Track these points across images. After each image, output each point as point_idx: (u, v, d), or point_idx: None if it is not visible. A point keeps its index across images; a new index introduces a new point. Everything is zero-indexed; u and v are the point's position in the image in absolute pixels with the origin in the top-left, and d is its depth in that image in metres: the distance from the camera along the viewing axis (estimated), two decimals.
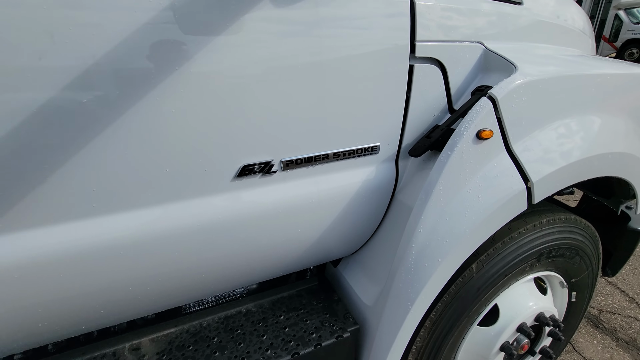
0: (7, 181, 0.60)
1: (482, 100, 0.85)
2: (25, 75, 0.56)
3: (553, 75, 0.94)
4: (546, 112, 0.94)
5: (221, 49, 0.67)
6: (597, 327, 1.98)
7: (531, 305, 1.23)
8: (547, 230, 1.14)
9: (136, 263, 0.75)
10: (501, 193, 0.89)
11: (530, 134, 0.92)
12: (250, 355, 0.88)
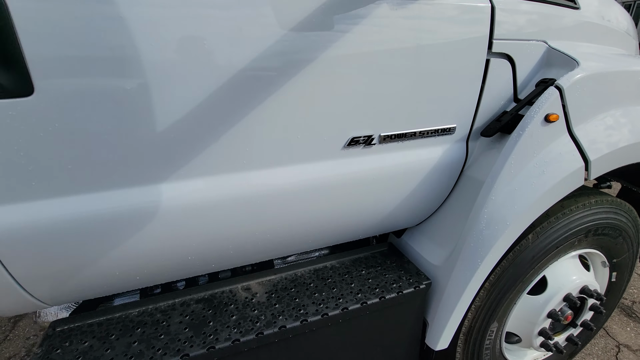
0: (186, 140, 0.80)
1: (550, 89, 1.01)
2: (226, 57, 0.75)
3: (609, 70, 1.09)
4: (603, 101, 1.09)
5: (344, 43, 0.85)
6: (630, 316, 2.08)
7: (576, 279, 1.37)
8: (595, 210, 1.28)
9: (268, 212, 0.94)
10: (562, 169, 1.04)
11: (589, 120, 1.07)
12: (344, 296, 1.06)
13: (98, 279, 0.88)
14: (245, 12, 0.75)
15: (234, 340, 0.90)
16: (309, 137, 0.91)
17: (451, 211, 1.21)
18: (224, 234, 0.92)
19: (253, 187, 0.89)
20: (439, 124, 1.07)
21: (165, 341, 0.91)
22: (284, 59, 0.80)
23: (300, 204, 0.97)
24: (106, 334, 0.94)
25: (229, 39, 0.75)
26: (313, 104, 0.88)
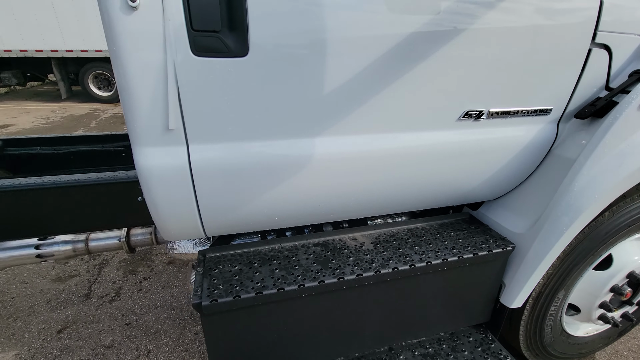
0: (346, 103, 0.96)
1: None
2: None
3: None
4: None
5: (469, 29, 0.98)
6: None
7: (638, 259, 1.48)
8: None
9: (389, 170, 1.10)
10: None
11: None
12: (440, 250, 1.22)
13: (255, 216, 1.06)
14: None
15: (358, 275, 1.08)
16: (434, 108, 1.06)
17: (536, 185, 1.34)
18: (353, 185, 1.09)
19: (383, 147, 1.05)
20: (538, 105, 1.19)
21: (300, 271, 1.09)
22: (420, 42, 0.95)
23: (413, 166, 1.13)
24: (249, 262, 1.13)
25: (382, 27, 0.90)
26: (441, 80, 1.02)
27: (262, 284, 1.03)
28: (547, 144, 1.29)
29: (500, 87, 1.11)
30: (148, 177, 0.90)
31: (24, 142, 2.05)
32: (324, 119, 0.96)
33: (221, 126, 0.90)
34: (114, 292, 2.26)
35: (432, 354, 1.30)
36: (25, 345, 1.86)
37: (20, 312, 2.08)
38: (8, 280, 2.34)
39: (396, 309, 1.25)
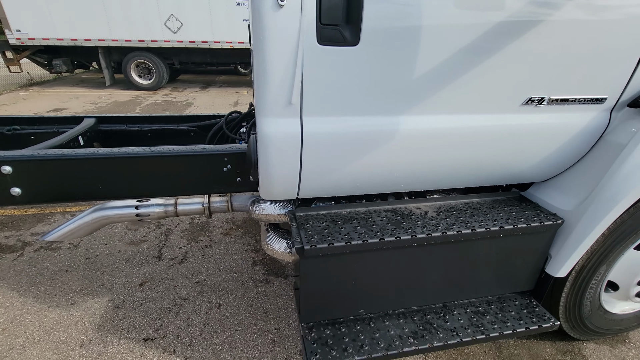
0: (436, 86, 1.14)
1: None
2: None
3: None
4: None
5: (537, 22, 1.13)
6: None
7: None
8: None
9: (461, 147, 1.28)
10: None
11: None
12: (496, 220, 1.39)
13: (343, 181, 1.27)
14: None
15: (427, 234, 1.27)
16: (503, 93, 1.22)
17: (586, 168, 1.48)
18: (430, 158, 1.28)
19: (460, 126, 1.23)
20: (594, 94, 1.33)
21: (377, 229, 1.29)
22: (498, 36, 1.11)
23: (481, 144, 1.30)
24: (333, 221, 1.34)
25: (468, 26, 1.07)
26: (512, 68, 1.18)
27: (348, 236, 1.24)
28: (599, 130, 1.42)
29: (561, 77, 1.26)
30: (268, 142, 1.12)
31: (113, 119, 2.35)
32: (415, 100, 1.15)
33: (330, 103, 1.10)
34: (181, 255, 2.55)
35: (481, 312, 1.49)
36: (115, 294, 2.17)
37: (105, 267, 2.41)
38: (90, 241, 2.68)
39: (453, 271, 1.43)
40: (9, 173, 1.51)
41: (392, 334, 1.36)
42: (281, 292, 2.22)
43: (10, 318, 1.96)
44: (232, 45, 9.14)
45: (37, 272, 2.34)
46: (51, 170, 1.56)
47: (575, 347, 1.87)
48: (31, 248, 2.58)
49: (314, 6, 0.96)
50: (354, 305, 1.39)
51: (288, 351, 1.80)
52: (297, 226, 1.30)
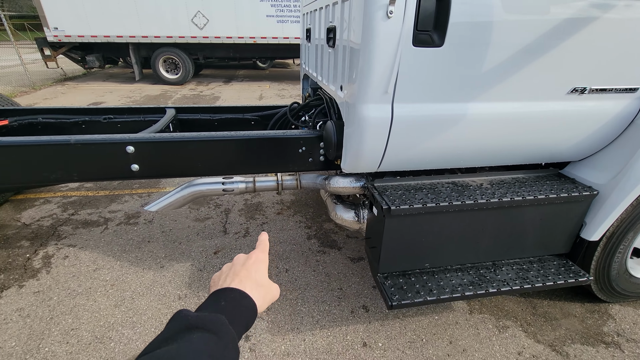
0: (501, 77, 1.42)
1: None
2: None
3: None
4: None
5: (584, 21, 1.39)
6: None
7: None
8: None
9: (501, 130, 1.55)
10: None
11: None
12: (541, 191, 1.66)
13: (415, 158, 1.56)
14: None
15: (487, 199, 1.56)
16: (553, 84, 1.49)
17: (618, 148, 1.74)
18: (492, 139, 1.56)
19: (518, 111, 1.51)
20: (628, 84, 1.59)
21: (444, 196, 1.59)
22: (550, 36, 1.38)
23: (534, 128, 1.57)
24: (406, 190, 1.64)
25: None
26: (560, 62, 1.45)
27: (423, 201, 1.53)
28: (631, 116, 1.68)
29: (600, 69, 1.52)
30: (366, 123, 1.42)
31: (189, 110, 2.68)
32: (482, 90, 1.43)
33: (416, 92, 1.39)
34: (243, 230, 2.89)
35: (525, 269, 1.77)
36: (195, 260, 2.52)
37: (181, 239, 2.76)
38: (162, 218, 3.04)
39: (503, 233, 1.72)
40: (132, 152, 1.84)
41: (453, 282, 1.65)
42: (337, 260, 2.54)
43: (115, 277, 2.33)
44: (255, 40, 9.43)
45: (124, 242, 2.70)
46: (164, 150, 1.89)
47: (602, 308, 2.14)
48: (113, 223, 2.96)
49: (412, 17, 1.24)
50: (421, 260, 1.69)
51: (352, 306, 2.12)
52: (379, 193, 1.61)
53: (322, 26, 2.02)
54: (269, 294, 0.62)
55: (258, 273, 0.62)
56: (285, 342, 1.88)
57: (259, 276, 0.62)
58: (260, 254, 0.67)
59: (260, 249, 0.69)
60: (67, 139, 1.78)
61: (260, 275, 0.62)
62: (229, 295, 0.55)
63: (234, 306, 0.53)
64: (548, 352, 1.84)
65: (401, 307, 1.54)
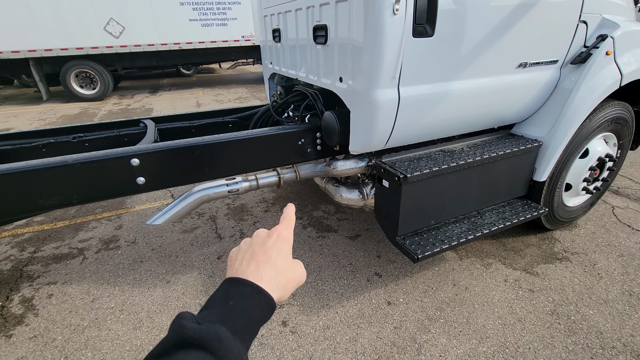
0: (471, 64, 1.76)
1: (609, 38, 2.05)
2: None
3: (633, 29, 2.15)
4: (630, 45, 2.16)
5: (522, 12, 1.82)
6: (616, 193, 3.32)
7: (602, 149, 2.49)
8: (615, 108, 2.38)
9: (474, 101, 1.93)
10: (610, 79, 2.11)
11: (624, 54, 2.13)
12: (506, 147, 2.09)
13: (416, 132, 1.85)
14: None
15: (472, 159, 1.92)
16: (508, 61, 1.90)
17: (549, 108, 2.26)
18: (473, 109, 1.92)
19: (487, 85, 1.88)
20: (552, 57, 2.09)
21: (441, 161, 1.90)
22: (506, 25, 1.78)
23: (496, 97, 1.98)
24: (409, 161, 1.92)
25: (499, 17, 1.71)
26: (512, 44, 1.86)
27: (427, 167, 1.82)
28: (555, 82, 2.20)
29: (536, 47, 1.98)
30: (378, 106, 1.65)
31: (167, 118, 2.60)
32: (461, 70, 1.76)
33: (415, 75, 1.66)
34: (238, 232, 2.91)
35: (502, 212, 2.20)
36: (200, 269, 2.48)
37: (176, 252, 2.67)
38: (144, 237, 2.88)
39: (483, 185, 2.11)
40: (137, 165, 1.80)
41: (455, 232, 1.99)
42: (338, 241, 2.74)
43: (121, 301, 2.19)
44: (181, 46, 9.00)
45: (113, 267, 2.52)
46: (170, 158, 1.87)
47: (549, 235, 2.73)
48: (90, 251, 2.71)
49: (411, 13, 1.50)
50: (428, 218, 1.99)
51: (366, 275, 2.35)
52: (390, 166, 1.85)
53: (303, 26, 2.18)
54: (292, 281, 0.55)
55: (280, 256, 0.54)
56: (321, 318, 2.03)
57: (280, 260, 0.54)
58: (283, 231, 0.59)
59: (285, 224, 0.61)
60: (64, 160, 1.66)
61: (282, 258, 0.54)
62: (241, 292, 0.48)
63: (244, 307, 0.46)
64: (524, 275, 2.31)
65: (424, 259, 1.81)
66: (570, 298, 2.11)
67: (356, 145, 1.88)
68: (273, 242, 0.56)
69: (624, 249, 2.53)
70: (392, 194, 1.88)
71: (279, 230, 0.59)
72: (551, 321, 1.95)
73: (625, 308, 2.02)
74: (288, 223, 0.61)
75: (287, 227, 0.60)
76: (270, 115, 2.81)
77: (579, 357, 1.74)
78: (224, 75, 13.01)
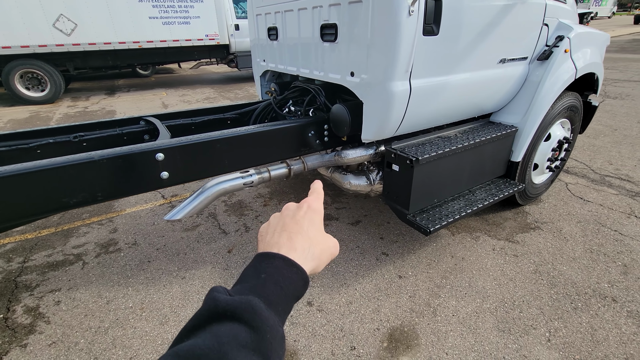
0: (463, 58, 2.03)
1: (566, 38, 2.45)
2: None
3: (584, 31, 2.58)
4: (582, 44, 2.59)
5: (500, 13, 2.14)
6: (566, 172, 3.87)
7: (561, 133, 2.94)
8: (570, 98, 2.83)
9: (467, 92, 2.22)
10: (568, 73, 2.52)
11: (577, 52, 2.55)
12: (481, 135, 2.41)
13: (421, 120, 2.08)
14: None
15: (469, 143, 2.20)
16: (491, 57, 2.21)
17: (521, 98, 2.62)
18: (461, 98, 2.19)
19: (477, 78, 2.17)
20: (523, 54, 2.45)
21: (442, 145, 2.16)
22: (487, 28, 2.07)
23: (483, 89, 2.28)
24: (415, 146, 2.15)
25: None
26: (495, 43, 2.17)
27: (433, 151, 2.06)
28: (525, 76, 2.57)
29: (512, 45, 2.31)
30: (394, 97, 1.85)
31: (169, 116, 2.58)
32: (458, 65, 2.03)
33: (423, 69, 1.89)
34: (243, 227, 2.96)
35: (488, 189, 2.53)
36: (214, 263, 2.52)
37: (184, 250, 2.67)
38: (145, 237, 2.83)
39: (474, 166, 2.41)
40: (162, 159, 1.83)
41: (455, 207, 2.26)
42: (341, 228, 2.92)
43: (138, 301, 2.17)
44: (141, 45, 8.59)
45: (120, 269, 2.46)
46: (193, 152, 1.92)
47: (521, 210, 3.14)
48: (89, 256, 2.61)
49: (422, 14, 1.72)
50: (433, 197, 2.24)
51: (375, 254, 2.56)
52: (400, 151, 2.06)
53: (308, 25, 2.32)
54: (325, 251, 0.53)
55: (312, 226, 0.53)
56: (342, 295, 2.19)
57: (313, 230, 0.53)
58: (313, 202, 0.57)
59: (314, 197, 0.59)
60: (90, 156, 1.65)
61: (314, 229, 0.53)
62: (272, 265, 0.46)
63: (277, 279, 0.45)
64: (508, 244, 2.66)
65: (435, 231, 2.05)
66: (546, 259, 2.48)
67: (369, 134, 2.06)
68: (304, 212, 0.54)
69: (581, 217, 3.00)
70: (403, 177, 2.09)
71: (309, 201, 0.57)
72: (536, 278, 2.30)
73: (589, 263, 2.44)
74: (317, 196, 0.59)
75: (316, 199, 0.59)
76: (269, 111, 2.90)
77: (562, 302, 2.09)
78: (186, 75, 12.56)
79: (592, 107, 3.21)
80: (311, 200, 0.58)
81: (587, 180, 3.67)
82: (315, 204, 0.57)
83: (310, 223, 0.53)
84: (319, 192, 0.61)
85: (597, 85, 3.04)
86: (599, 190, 3.45)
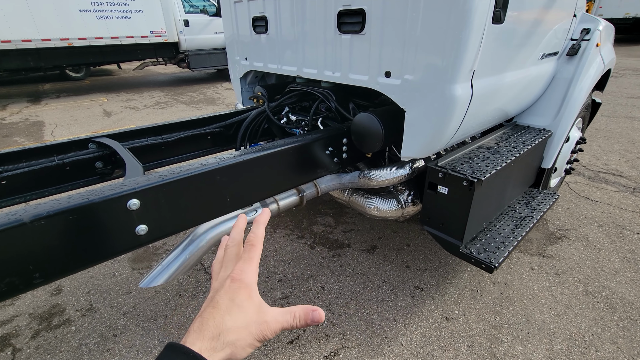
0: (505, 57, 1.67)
1: (597, 31, 2.22)
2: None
3: (607, 23, 2.39)
4: (606, 37, 2.39)
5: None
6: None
7: (578, 134, 2.76)
8: (590, 95, 2.65)
9: (513, 92, 1.88)
10: (598, 69, 2.30)
11: (604, 46, 2.35)
12: (529, 142, 2.10)
13: (470, 129, 1.68)
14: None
15: (518, 154, 1.85)
16: (538, 52, 1.88)
17: (550, 98, 2.36)
18: (511, 99, 1.84)
19: (523, 75, 1.82)
20: (555, 49, 2.17)
21: (491, 159, 1.78)
22: (541, 27, 1.74)
23: (527, 86, 1.95)
24: (463, 162, 1.74)
25: None
26: (540, 38, 1.84)
27: (489, 167, 1.68)
28: (553, 72, 2.31)
29: (551, 39, 2.01)
30: (455, 102, 1.42)
31: (131, 134, 1.90)
32: (515, 60, 1.65)
33: (487, 66, 1.48)
34: None
35: (526, 202, 2.22)
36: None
37: (162, 311, 2.01)
38: (102, 296, 2.11)
39: (516, 179, 2.09)
40: (137, 208, 1.21)
41: (506, 230, 1.91)
42: (357, 258, 2.45)
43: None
44: (71, 42, 7.32)
45: (72, 354, 1.74)
46: (183, 191, 1.33)
47: None
48: (20, 339, 1.84)
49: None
50: (482, 220, 1.86)
51: (408, 291, 2.12)
52: (452, 170, 1.65)
53: (318, 11, 1.80)
54: (244, 338, 0.45)
55: (233, 306, 0.46)
56: (387, 355, 1.72)
57: (233, 313, 0.45)
58: (239, 273, 0.48)
59: (242, 262, 0.50)
60: (17, 219, 0.99)
61: (235, 310, 0.45)
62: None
63: None
64: (543, 259, 2.39)
65: (499, 267, 1.67)
66: (590, 275, 2.25)
67: (412, 149, 1.62)
68: (224, 291, 0.47)
69: (599, 220, 2.86)
70: (454, 201, 1.68)
71: (234, 272, 0.48)
72: (591, 302, 2.03)
73: (633, 275, 2.25)
74: (248, 259, 0.50)
75: (247, 259, 0.50)
76: (261, 121, 2.33)
77: (632, 332, 1.84)
78: (128, 77, 11.14)
79: (596, 105, 3.10)
80: (237, 268, 0.49)
81: (584, 178, 3.60)
82: (240, 273, 0.48)
83: (229, 303, 0.46)
84: (253, 245, 0.51)
85: (606, 82, 2.91)
86: (599, 188, 3.38)
